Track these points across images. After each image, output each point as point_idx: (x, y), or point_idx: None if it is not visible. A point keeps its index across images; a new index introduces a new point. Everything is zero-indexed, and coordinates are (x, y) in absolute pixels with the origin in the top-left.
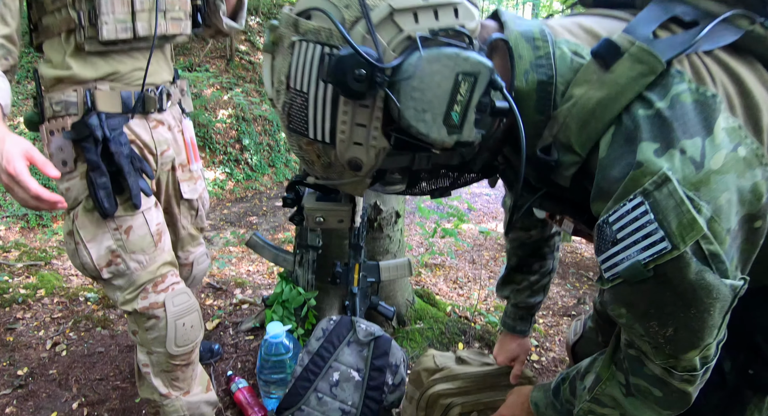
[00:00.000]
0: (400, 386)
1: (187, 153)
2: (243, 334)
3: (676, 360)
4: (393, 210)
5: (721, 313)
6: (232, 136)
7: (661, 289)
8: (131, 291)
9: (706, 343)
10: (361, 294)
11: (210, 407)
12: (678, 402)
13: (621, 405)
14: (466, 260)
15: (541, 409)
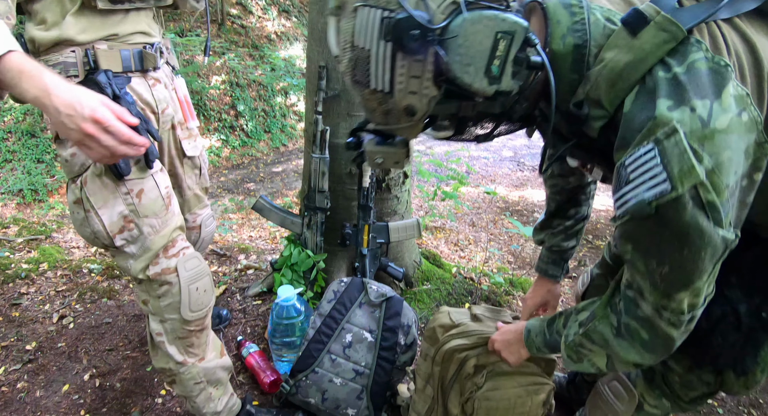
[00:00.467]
0: (412, 346)
1: (183, 110)
2: (250, 299)
3: (668, 300)
4: (401, 170)
5: (712, 260)
6: (226, 102)
7: (661, 228)
8: (145, 258)
9: (696, 286)
10: (371, 256)
11: (225, 372)
12: (661, 347)
13: (609, 343)
14: (466, 223)
15: (532, 335)
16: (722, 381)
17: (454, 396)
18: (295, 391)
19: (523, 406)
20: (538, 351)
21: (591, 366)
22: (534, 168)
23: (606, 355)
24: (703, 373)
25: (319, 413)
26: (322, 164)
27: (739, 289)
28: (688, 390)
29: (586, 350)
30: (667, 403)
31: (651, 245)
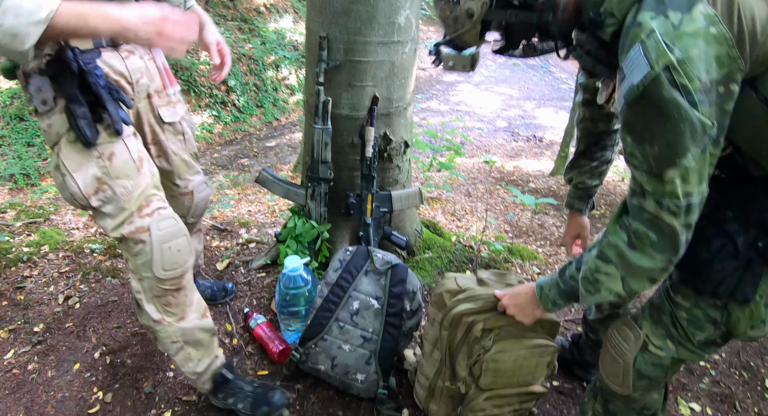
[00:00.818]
0: (417, 311)
1: (162, 78)
2: (255, 272)
3: (662, 184)
4: (402, 140)
5: (693, 140)
6: None
7: (648, 109)
8: (120, 217)
9: (682, 164)
10: (375, 225)
11: (207, 334)
12: (669, 244)
13: (623, 256)
14: (462, 193)
15: (545, 290)
16: (728, 318)
17: (461, 358)
18: (305, 359)
19: (529, 367)
20: (554, 305)
21: (609, 293)
22: (528, 138)
23: (621, 278)
24: (709, 308)
25: (329, 379)
26: (325, 135)
27: (736, 223)
28: (695, 329)
29: (602, 274)
30: (672, 346)
31: (643, 128)
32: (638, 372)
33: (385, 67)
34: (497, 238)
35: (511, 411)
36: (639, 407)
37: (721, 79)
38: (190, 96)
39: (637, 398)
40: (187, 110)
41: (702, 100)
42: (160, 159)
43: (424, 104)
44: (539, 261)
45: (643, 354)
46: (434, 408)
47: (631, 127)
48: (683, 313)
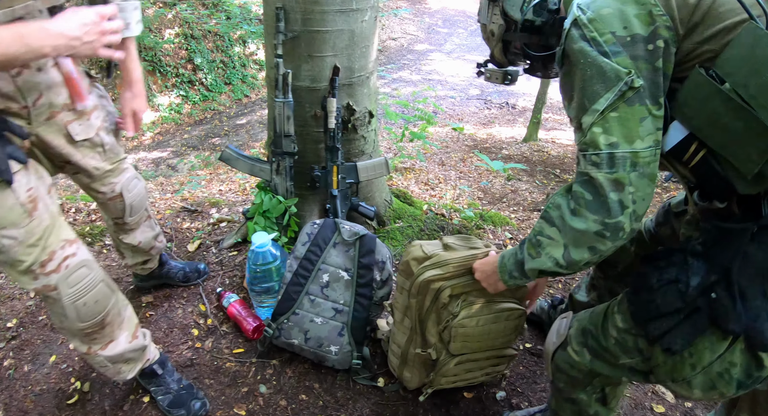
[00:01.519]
0: (387, 281)
1: (70, 91)
2: (226, 251)
3: (582, 135)
4: (366, 109)
5: (603, 84)
6: (182, 56)
7: (566, 66)
8: (21, 269)
9: (594, 109)
10: (342, 196)
11: (136, 353)
12: (599, 204)
13: (564, 217)
14: (436, 162)
15: (505, 260)
16: (651, 355)
17: (431, 325)
18: (278, 334)
19: (497, 332)
20: (510, 277)
21: (549, 259)
22: (501, 106)
23: (563, 245)
24: (639, 338)
25: (303, 353)
26: (286, 108)
27: (702, 260)
28: (622, 352)
29: (545, 237)
30: (588, 356)
31: (565, 85)
32: (556, 366)
33: (344, 36)
34: (470, 205)
35: (483, 374)
36: (568, 398)
37: (648, 36)
38: (156, 77)
39: (561, 388)
40: (105, 111)
41: (617, 51)
42: (77, 176)
43: (395, 74)
44: (512, 226)
45: (563, 352)
46: (408, 375)
47: (562, 90)
48: (614, 332)
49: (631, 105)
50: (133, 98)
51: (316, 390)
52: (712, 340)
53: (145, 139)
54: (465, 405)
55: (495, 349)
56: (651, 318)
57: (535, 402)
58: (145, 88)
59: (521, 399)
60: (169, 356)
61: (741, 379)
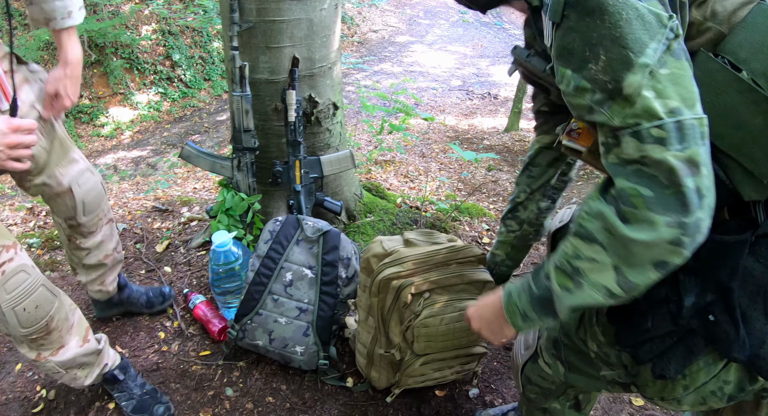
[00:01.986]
0: (354, 278)
1: None
2: (194, 251)
3: (629, 104)
4: (329, 101)
5: (647, 31)
6: (160, 52)
7: (579, 16)
8: None
9: (642, 64)
10: (306, 192)
11: (90, 357)
12: (672, 197)
13: (614, 228)
14: (416, 154)
15: (513, 298)
16: (638, 373)
17: (394, 325)
18: (242, 335)
19: (462, 330)
20: (524, 320)
21: (595, 289)
22: (483, 96)
23: (613, 266)
24: (623, 353)
25: (269, 354)
26: (244, 102)
27: (694, 276)
28: (603, 364)
29: (584, 262)
30: (561, 369)
31: (581, 44)
32: (527, 377)
33: (302, 25)
34: (448, 197)
35: (453, 372)
36: (539, 407)
37: None
38: (134, 74)
39: (533, 399)
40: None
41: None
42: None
43: (376, 67)
44: (489, 217)
45: (533, 364)
46: (376, 375)
47: (567, 54)
48: (594, 346)
49: (679, 58)
50: (63, 78)
51: (283, 392)
52: (707, 361)
53: (125, 138)
54: (436, 404)
55: (462, 348)
56: (640, 343)
57: (509, 398)
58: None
59: (495, 395)
60: (136, 360)
61: (732, 394)
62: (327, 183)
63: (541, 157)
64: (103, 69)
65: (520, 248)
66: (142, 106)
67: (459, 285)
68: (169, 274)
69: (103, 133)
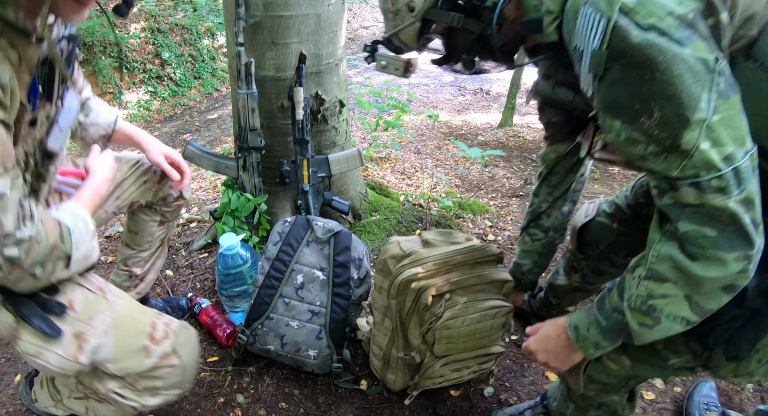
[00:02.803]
0: (365, 279)
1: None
2: (196, 253)
3: (685, 156)
4: (336, 99)
5: (699, 83)
6: (149, 51)
7: (625, 70)
8: (129, 358)
9: (699, 119)
10: (314, 191)
11: None
12: (736, 236)
13: (684, 268)
14: (411, 151)
15: (582, 331)
16: (710, 357)
17: (413, 327)
18: (252, 340)
19: (483, 331)
20: (596, 348)
21: (674, 321)
22: (475, 92)
23: (685, 297)
24: (692, 341)
25: (281, 358)
26: (250, 100)
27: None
28: (671, 353)
29: (658, 299)
30: (628, 362)
31: (630, 98)
32: (589, 377)
33: (310, 21)
34: (447, 194)
35: (470, 372)
36: (595, 403)
37: (704, 8)
38: (123, 73)
39: (591, 396)
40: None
41: (689, 36)
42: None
43: (368, 64)
44: (491, 214)
45: (596, 363)
46: (392, 377)
47: (615, 107)
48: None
49: (727, 98)
50: (153, 153)
51: (296, 396)
52: None
53: None
54: (452, 404)
55: (482, 348)
56: (708, 330)
57: (524, 396)
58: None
59: (510, 394)
60: None
61: None
62: (332, 182)
63: (560, 166)
64: (91, 68)
65: (546, 254)
66: (131, 106)
67: (479, 285)
68: (171, 278)
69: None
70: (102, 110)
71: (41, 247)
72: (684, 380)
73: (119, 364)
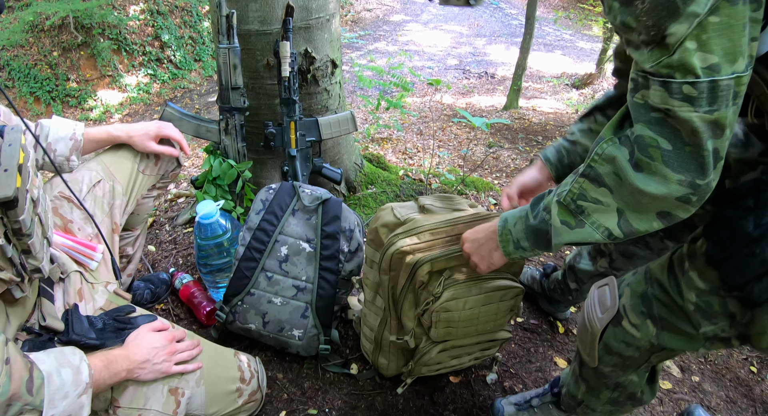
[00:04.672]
0: (357, 252)
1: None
2: (180, 228)
3: (667, 52)
4: (328, 58)
5: None
6: (148, 33)
7: None
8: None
9: (692, 16)
10: (302, 157)
11: None
12: (689, 156)
13: (624, 174)
14: (414, 132)
15: (509, 225)
16: (750, 322)
17: (408, 307)
18: (232, 318)
19: (488, 314)
20: (516, 247)
21: (597, 230)
22: (480, 75)
23: (617, 210)
24: (731, 299)
25: (263, 339)
26: (231, 55)
27: None
28: (703, 318)
29: (590, 202)
30: (653, 329)
31: None
32: (606, 346)
33: None
34: (450, 171)
35: (471, 360)
36: (611, 383)
37: None
38: (122, 56)
39: (607, 373)
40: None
41: None
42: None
43: (371, 46)
44: (496, 191)
45: (614, 329)
46: (384, 362)
47: None
48: (692, 295)
49: (734, 4)
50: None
51: (279, 381)
52: None
53: (114, 121)
54: (451, 391)
55: (486, 333)
56: (754, 279)
57: (530, 384)
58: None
59: (515, 381)
60: None
61: None
62: (325, 151)
63: None
64: (90, 51)
65: None
66: (131, 89)
67: None
68: (153, 254)
69: (91, 116)
70: (60, 124)
71: None
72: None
73: (212, 409)
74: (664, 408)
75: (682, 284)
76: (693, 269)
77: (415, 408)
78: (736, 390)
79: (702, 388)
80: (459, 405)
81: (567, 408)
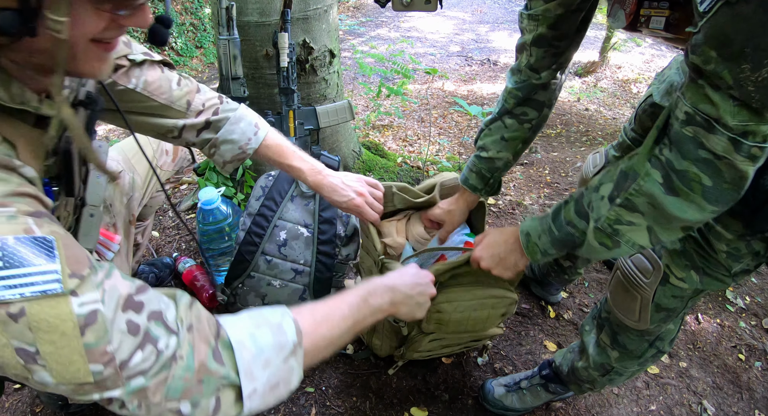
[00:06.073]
0: (354, 237)
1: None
2: (183, 214)
3: (759, 120)
4: (326, 48)
5: None
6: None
7: (760, 11)
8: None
9: None
10: (300, 145)
11: None
12: (729, 191)
13: (658, 204)
14: (415, 119)
15: (533, 239)
16: None
17: None
18: (233, 300)
19: (478, 319)
20: (544, 255)
21: (631, 247)
22: (482, 62)
23: (647, 228)
24: (755, 241)
25: None
26: (231, 46)
27: None
28: (733, 261)
29: (625, 226)
30: (696, 276)
31: (745, 43)
32: (657, 306)
33: None
34: (449, 159)
35: (462, 348)
36: (652, 338)
37: None
38: None
39: (652, 330)
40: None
41: None
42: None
43: (373, 32)
44: None
45: (663, 287)
46: (378, 343)
47: (723, 40)
48: (723, 245)
49: None
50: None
51: None
52: None
53: None
54: (443, 372)
55: (474, 332)
56: None
57: (520, 366)
58: None
59: (505, 363)
60: None
61: None
62: (323, 139)
63: (566, 25)
64: None
65: (530, 140)
66: None
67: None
68: (156, 239)
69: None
70: (246, 114)
71: (179, 368)
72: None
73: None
74: (650, 391)
75: (711, 238)
76: (718, 223)
77: (408, 388)
78: (723, 376)
79: (689, 374)
80: (450, 385)
81: (574, 386)
